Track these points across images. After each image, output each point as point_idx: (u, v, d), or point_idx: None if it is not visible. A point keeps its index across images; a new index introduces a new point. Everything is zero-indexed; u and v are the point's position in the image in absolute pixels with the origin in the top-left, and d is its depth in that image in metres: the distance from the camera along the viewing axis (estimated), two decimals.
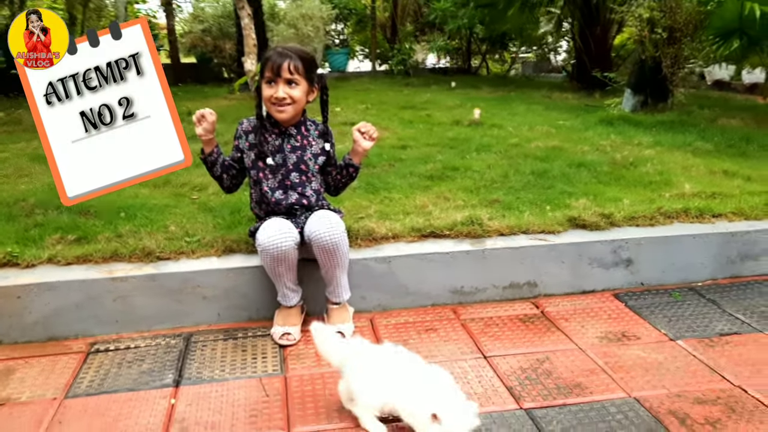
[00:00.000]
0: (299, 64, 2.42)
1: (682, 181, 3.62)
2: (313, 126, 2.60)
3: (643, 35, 5.31)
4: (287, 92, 2.42)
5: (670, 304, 2.71)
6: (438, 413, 1.67)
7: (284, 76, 2.40)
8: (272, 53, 2.44)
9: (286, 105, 2.43)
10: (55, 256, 2.61)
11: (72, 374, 2.23)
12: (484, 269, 2.76)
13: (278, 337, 2.46)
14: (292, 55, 2.41)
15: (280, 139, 2.54)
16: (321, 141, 2.59)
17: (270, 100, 2.44)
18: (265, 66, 2.43)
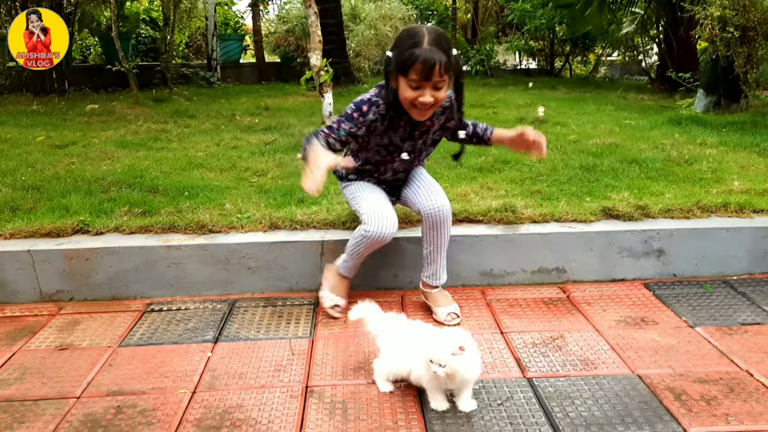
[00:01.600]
0: (447, 62, 2.15)
1: (734, 178, 3.57)
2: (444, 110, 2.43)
3: (714, 34, 5.19)
4: (434, 95, 2.19)
5: (698, 294, 2.72)
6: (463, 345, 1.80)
7: (434, 80, 2.16)
8: (418, 52, 2.11)
9: (430, 108, 2.25)
10: (121, 226, 2.92)
11: (127, 328, 2.51)
12: (514, 254, 2.86)
13: (328, 305, 2.57)
14: (441, 55, 2.12)
15: (409, 126, 2.40)
16: (443, 118, 2.45)
17: (413, 102, 2.22)
18: (408, 66, 2.14)
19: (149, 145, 4.93)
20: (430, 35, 2.15)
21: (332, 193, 3.46)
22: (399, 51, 2.19)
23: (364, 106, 2.33)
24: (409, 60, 2.13)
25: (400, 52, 2.18)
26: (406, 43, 2.17)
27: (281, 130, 5.64)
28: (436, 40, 2.14)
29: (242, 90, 9.15)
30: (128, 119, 6.23)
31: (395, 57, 2.21)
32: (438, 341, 1.84)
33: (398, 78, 2.22)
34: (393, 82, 2.26)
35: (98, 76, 9.04)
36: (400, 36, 2.24)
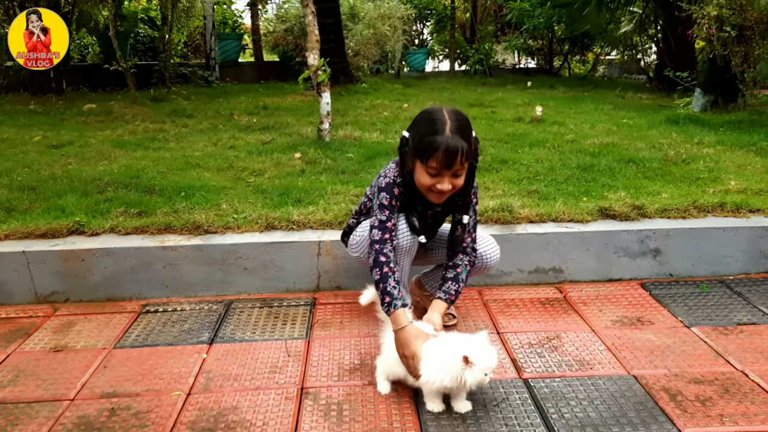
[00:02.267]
0: (469, 149, 2.03)
1: (731, 178, 3.57)
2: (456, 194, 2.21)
3: (710, 33, 5.18)
4: (452, 182, 2.07)
5: (695, 294, 2.71)
6: (469, 356, 1.80)
7: (454, 169, 2.04)
8: (440, 140, 1.99)
9: (447, 193, 2.12)
10: (117, 227, 2.92)
11: (123, 329, 2.51)
12: (511, 254, 2.85)
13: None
14: (463, 143, 2.00)
15: (420, 206, 2.28)
16: (458, 210, 2.27)
17: (430, 188, 2.09)
18: (429, 154, 2.01)
19: (146, 144, 4.92)
20: (452, 122, 2.02)
21: (329, 192, 3.45)
22: (419, 135, 2.06)
23: (395, 189, 2.20)
24: (430, 147, 2.00)
25: (420, 137, 2.05)
26: (428, 127, 2.04)
27: (279, 129, 5.64)
28: (459, 128, 2.02)
29: (241, 89, 9.14)
30: (126, 119, 6.23)
31: (414, 140, 2.08)
32: (480, 349, 1.84)
33: (415, 161, 2.09)
34: (409, 162, 2.14)
35: (96, 75, 9.03)
36: (421, 118, 2.10)
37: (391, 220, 2.18)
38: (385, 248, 2.15)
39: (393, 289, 2.08)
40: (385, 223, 2.18)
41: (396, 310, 2.05)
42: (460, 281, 2.26)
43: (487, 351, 1.84)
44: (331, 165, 4.16)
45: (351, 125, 5.57)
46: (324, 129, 4.84)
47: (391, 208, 2.19)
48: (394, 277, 2.11)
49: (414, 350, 1.95)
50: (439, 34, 13.50)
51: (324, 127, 4.84)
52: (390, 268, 2.12)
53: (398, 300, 2.07)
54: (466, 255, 2.31)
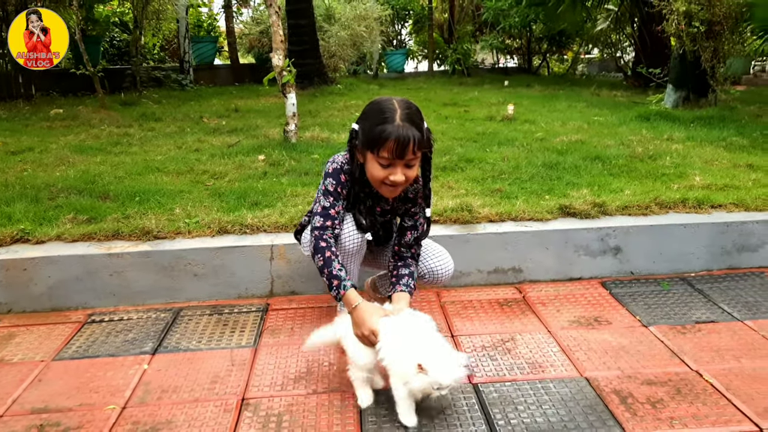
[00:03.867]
0: (421, 138, 1.95)
1: (697, 173, 3.53)
2: (410, 185, 2.14)
3: (680, 29, 5.15)
4: (406, 173, 1.98)
5: (655, 292, 2.66)
6: (423, 364, 1.72)
7: (407, 159, 1.96)
8: (390, 129, 1.91)
9: (400, 186, 2.03)
10: (63, 234, 2.82)
11: (64, 341, 2.41)
12: (469, 254, 2.78)
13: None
14: (415, 132, 1.93)
15: (370, 199, 2.19)
16: (411, 203, 2.20)
17: (383, 181, 2.00)
18: (381, 146, 1.93)
19: (108, 149, 4.81)
20: (402, 110, 1.95)
21: (288, 194, 3.37)
22: (369, 126, 1.98)
23: (342, 175, 2.10)
24: (381, 137, 1.92)
25: (370, 128, 1.96)
26: (377, 117, 1.96)
27: (247, 131, 5.55)
28: (409, 116, 1.95)
29: (214, 92, 9.04)
30: (92, 123, 6.10)
31: (364, 131, 2.00)
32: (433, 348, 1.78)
33: (366, 153, 2.01)
34: (359, 156, 2.06)
35: (67, 80, 8.85)
36: (370, 108, 2.02)
37: (334, 208, 2.09)
38: (325, 234, 2.06)
39: (339, 271, 2.01)
40: (328, 210, 2.09)
41: (346, 291, 1.98)
42: (414, 278, 2.19)
43: (447, 365, 1.75)
44: (294, 167, 4.07)
45: (320, 126, 5.49)
46: (290, 130, 4.76)
47: (336, 194, 2.09)
48: (337, 260, 2.03)
49: (371, 326, 1.90)
50: (418, 34, 13.44)
51: (290, 128, 4.76)
52: (332, 252, 2.04)
53: (346, 281, 2.00)
54: (413, 260, 2.24)
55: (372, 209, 2.21)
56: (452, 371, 1.75)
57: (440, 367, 1.74)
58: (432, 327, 1.91)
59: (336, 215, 2.09)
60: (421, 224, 2.21)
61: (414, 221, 2.21)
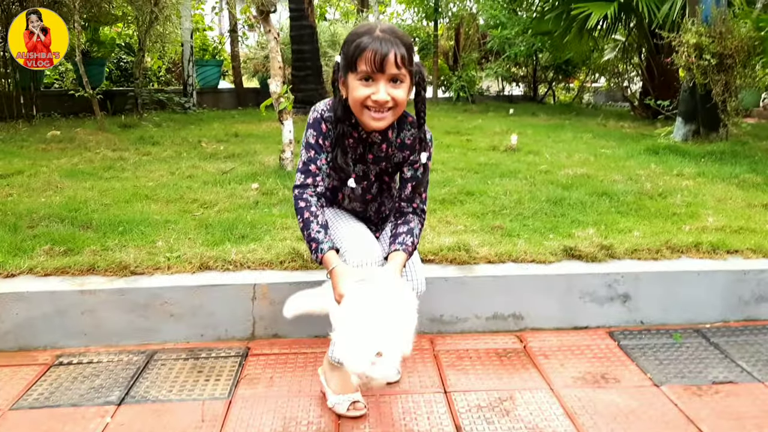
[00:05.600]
0: (405, 54, 1.82)
1: (709, 213, 3.34)
2: (405, 129, 2.03)
3: (690, 62, 5.00)
4: (391, 93, 1.83)
5: (667, 345, 2.46)
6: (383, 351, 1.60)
7: (389, 72, 1.80)
8: (367, 40, 1.80)
9: (387, 110, 1.87)
10: (36, 267, 2.65)
11: (26, 386, 2.22)
12: (466, 298, 2.60)
13: (346, 410, 1.99)
14: (398, 43, 1.80)
15: (360, 146, 2.04)
16: (410, 150, 2.05)
17: (364, 103, 1.85)
18: (358, 56, 1.81)
19: (100, 174, 4.66)
20: (382, 25, 1.85)
21: (278, 227, 3.21)
22: (347, 45, 1.86)
23: (322, 124, 1.97)
24: (358, 48, 1.80)
25: (348, 46, 1.85)
26: (355, 34, 1.86)
27: (244, 157, 5.40)
28: (391, 30, 1.83)
29: (216, 116, 8.94)
30: (88, 146, 5.96)
31: (343, 55, 1.89)
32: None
33: (347, 77, 1.87)
34: (343, 90, 1.92)
35: (69, 101, 8.77)
36: (350, 33, 1.91)
37: (315, 162, 1.96)
38: (305, 192, 1.95)
39: (317, 233, 1.89)
40: (308, 165, 1.96)
41: (323, 254, 1.87)
42: (414, 235, 2.02)
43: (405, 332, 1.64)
44: (287, 196, 3.91)
45: None
46: (286, 158, 4.61)
47: (318, 147, 1.97)
48: (317, 221, 1.91)
49: (340, 291, 1.77)
50: (423, 61, 13.35)
51: (286, 156, 4.61)
52: (311, 212, 1.92)
53: (324, 243, 1.88)
54: (415, 215, 2.08)
55: (363, 157, 2.04)
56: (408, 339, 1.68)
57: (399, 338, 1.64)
58: (405, 297, 1.78)
59: (317, 171, 1.97)
60: (422, 173, 2.06)
61: (414, 171, 2.05)
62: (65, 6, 6.84)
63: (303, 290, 2.09)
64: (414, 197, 2.08)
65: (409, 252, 1.98)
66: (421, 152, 2.03)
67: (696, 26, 5.07)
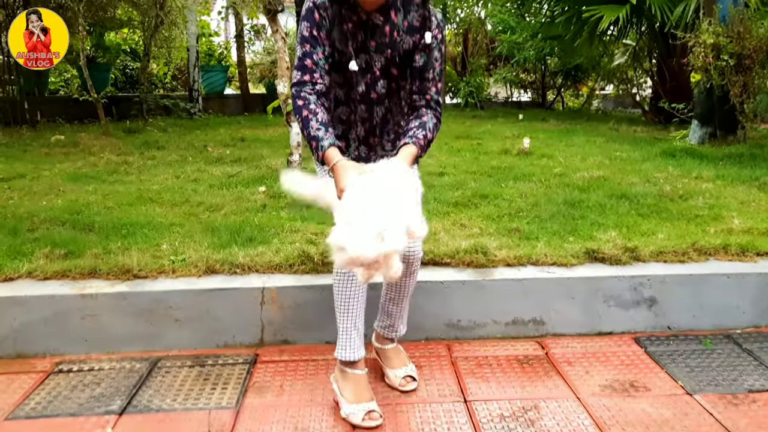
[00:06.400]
0: None
1: (734, 215, 3.21)
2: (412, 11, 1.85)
3: (707, 62, 4.88)
4: None
5: (697, 352, 2.33)
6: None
7: None
8: None
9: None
10: (35, 270, 2.54)
11: (24, 395, 2.12)
12: (484, 302, 2.48)
13: (361, 420, 1.88)
14: None
15: (360, 31, 1.85)
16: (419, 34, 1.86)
17: None
18: None
19: (103, 178, 4.57)
20: None
21: (286, 230, 3.10)
22: None
23: (315, 13, 1.82)
24: None
25: None
26: None
27: (251, 161, 5.31)
28: None
29: (223, 121, 8.86)
30: (92, 151, 5.88)
31: None
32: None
33: None
34: None
35: (74, 107, 8.71)
36: None
37: (312, 56, 1.83)
38: (303, 90, 1.83)
39: (317, 131, 1.79)
40: (304, 60, 1.84)
41: (324, 151, 1.77)
42: (427, 129, 1.87)
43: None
44: (295, 199, 3.80)
45: None
46: (293, 161, 4.51)
47: (313, 39, 1.83)
48: (316, 119, 1.79)
49: (342, 185, 1.67)
50: None
51: (293, 158, 4.51)
52: (310, 110, 1.80)
53: (325, 140, 1.77)
54: (430, 109, 1.92)
55: (365, 45, 1.87)
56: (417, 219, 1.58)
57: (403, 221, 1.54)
58: (408, 184, 1.67)
59: (314, 66, 1.83)
60: (437, 60, 1.91)
61: (426, 56, 1.89)
62: (70, 10, 6.77)
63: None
64: (425, 87, 1.91)
65: (421, 145, 1.84)
66: (425, 31, 1.86)
67: (713, 26, 4.96)
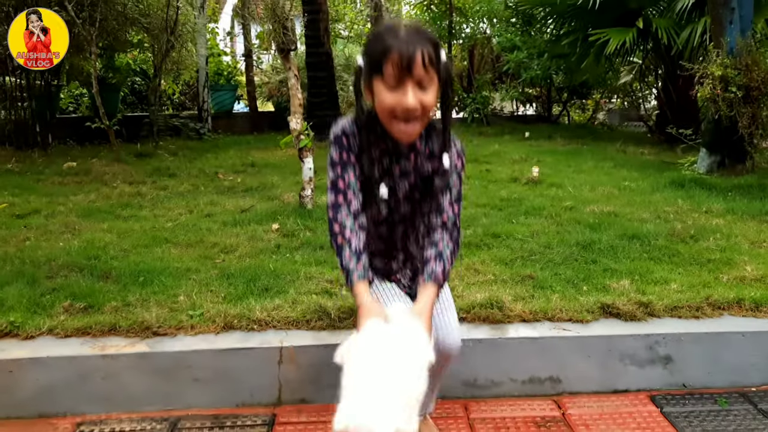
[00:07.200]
0: (432, 53, 1.69)
1: (746, 260, 3.23)
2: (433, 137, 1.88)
3: (715, 94, 4.92)
4: (421, 99, 1.69)
5: (713, 413, 2.35)
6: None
7: (417, 74, 1.66)
8: (392, 40, 1.67)
9: (415, 119, 1.73)
10: (56, 328, 2.58)
11: None
12: (501, 361, 2.51)
13: None
14: (424, 41, 1.68)
15: (386, 157, 1.89)
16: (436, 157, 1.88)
17: (392, 113, 1.72)
18: (383, 59, 1.67)
19: (117, 212, 4.62)
20: (407, 25, 1.73)
21: (302, 277, 3.13)
22: (371, 47, 1.75)
23: (343, 139, 1.84)
24: (383, 50, 1.66)
25: (372, 49, 1.73)
26: (379, 35, 1.74)
27: (262, 191, 5.36)
28: (415, 28, 1.72)
29: (232, 142, 8.92)
30: (104, 179, 5.93)
31: (366, 58, 1.76)
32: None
33: (373, 84, 1.74)
34: (367, 95, 1.80)
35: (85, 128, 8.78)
36: (372, 34, 1.82)
37: (343, 178, 1.84)
38: (339, 214, 1.82)
39: (349, 261, 1.77)
40: (336, 182, 1.85)
41: (353, 286, 1.76)
42: (445, 260, 1.84)
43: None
44: (309, 239, 3.84)
45: None
46: (306, 196, 4.54)
47: (342, 163, 1.84)
48: (349, 248, 1.78)
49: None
50: None
51: (306, 194, 4.55)
52: (344, 237, 1.80)
53: (354, 272, 1.76)
54: (446, 231, 1.89)
55: (390, 171, 1.89)
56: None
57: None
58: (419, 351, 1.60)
59: (346, 187, 1.84)
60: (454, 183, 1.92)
61: (444, 180, 1.89)
62: (81, 35, 6.84)
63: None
64: (442, 208, 1.90)
65: (440, 283, 1.83)
66: (444, 155, 1.87)
67: (721, 58, 4.99)
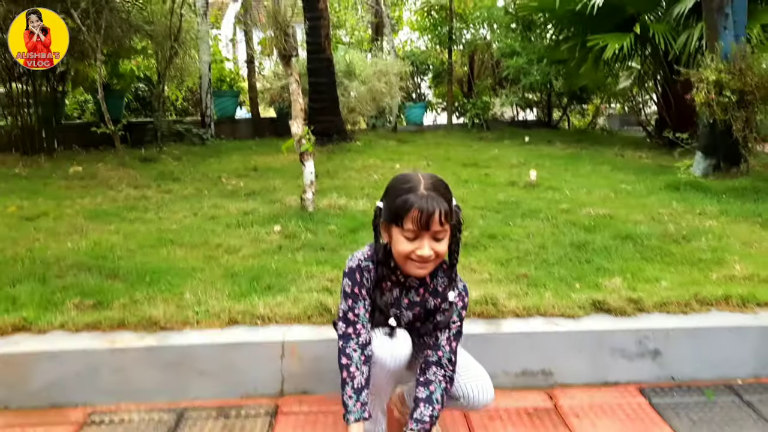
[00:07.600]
0: (448, 210, 1.87)
1: (736, 260, 3.33)
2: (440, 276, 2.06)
3: (710, 98, 5.01)
4: (434, 248, 1.88)
5: (700, 404, 2.44)
6: None
7: (433, 230, 1.86)
8: (413, 198, 1.84)
9: (429, 263, 1.93)
10: (67, 323, 2.68)
11: None
12: (495, 355, 2.59)
13: None
14: (441, 201, 1.85)
15: (396, 289, 2.06)
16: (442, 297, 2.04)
17: (408, 256, 1.90)
18: (404, 214, 1.85)
19: (123, 215, 4.72)
20: (426, 180, 1.89)
21: (303, 276, 3.23)
22: (392, 199, 1.91)
23: (356, 274, 2.00)
24: (404, 206, 1.84)
25: (393, 200, 1.89)
26: (400, 189, 1.89)
27: (265, 195, 5.45)
28: (434, 186, 1.88)
29: (235, 147, 9.01)
30: (110, 183, 6.04)
31: (387, 206, 1.93)
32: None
33: (391, 229, 1.92)
34: (384, 235, 1.97)
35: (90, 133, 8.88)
36: (393, 183, 1.95)
37: (354, 311, 1.99)
38: (348, 347, 1.96)
39: (348, 399, 1.93)
40: (347, 314, 1.99)
41: (348, 424, 1.91)
42: (435, 402, 1.97)
43: None
44: (310, 240, 3.94)
45: (338, 191, 5.35)
46: (307, 199, 4.64)
47: (355, 296, 2.00)
48: (352, 384, 1.93)
49: None
50: (437, 87, 13.45)
51: (307, 196, 4.64)
52: (349, 372, 1.94)
53: (350, 414, 1.92)
54: (440, 368, 2.01)
55: (398, 302, 2.06)
56: None
57: None
58: None
59: (356, 319, 1.99)
60: (455, 323, 2.05)
61: (446, 317, 2.03)
62: (87, 42, 6.96)
63: None
64: (440, 344, 2.02)
65: (427, 429, 1.95)
66: (448, 291, 2.03)
67: (715, 62, 5.09)
